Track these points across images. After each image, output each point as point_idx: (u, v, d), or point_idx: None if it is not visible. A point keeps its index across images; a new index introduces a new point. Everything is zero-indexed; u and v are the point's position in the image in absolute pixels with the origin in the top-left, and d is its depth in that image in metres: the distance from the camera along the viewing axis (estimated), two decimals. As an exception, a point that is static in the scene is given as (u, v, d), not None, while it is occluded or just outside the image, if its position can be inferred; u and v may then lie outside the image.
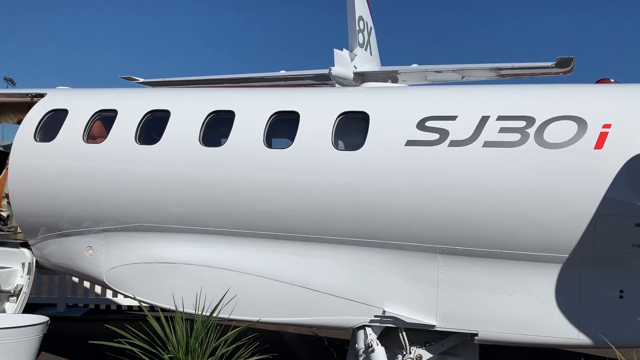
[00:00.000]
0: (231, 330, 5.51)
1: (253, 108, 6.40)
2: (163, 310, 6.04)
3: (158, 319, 5.56)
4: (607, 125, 5.07)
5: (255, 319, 5.88)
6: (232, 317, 5.89)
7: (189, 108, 6.67)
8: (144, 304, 6.25)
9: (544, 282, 5.22)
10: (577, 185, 5.00)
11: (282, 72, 13.38)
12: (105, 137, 6.76)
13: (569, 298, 5.18)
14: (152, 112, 6.75)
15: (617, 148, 4.99)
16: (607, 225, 4.93)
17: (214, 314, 5.56)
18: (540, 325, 5.24)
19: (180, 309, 5.71)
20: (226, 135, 6.30)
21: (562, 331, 5.17)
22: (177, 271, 6.36)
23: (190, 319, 5.54)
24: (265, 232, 6.02)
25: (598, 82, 6.90)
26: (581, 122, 5.13)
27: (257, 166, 5.99)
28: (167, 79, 13.69)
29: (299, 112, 6.12)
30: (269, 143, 6.11)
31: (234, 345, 5.46)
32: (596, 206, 4.93)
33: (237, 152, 6.09)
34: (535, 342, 5.31)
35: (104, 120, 7.01)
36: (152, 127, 6.73)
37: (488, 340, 5.45)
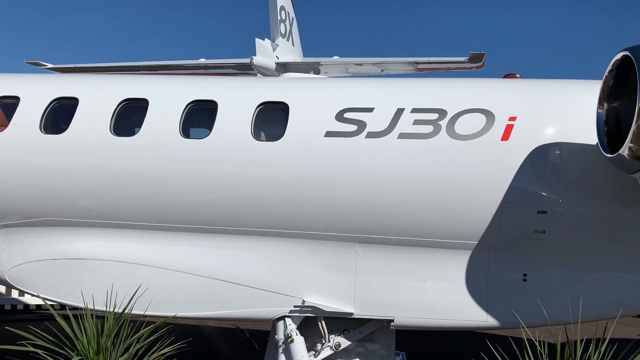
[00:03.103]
0: (147, 327, 5.33)
1: (168, 96, 6.19)
2: (73, 308, 5.75)
3: (66, 318, 5.28)
4: (513, 118, 5.36)
5: (172, 314, 5.71)
6: (147, 313, 5.70)
7: (99, 95, 6.35)
8: (50, 303, 5.91)
9: (455, 268, 5.46)
10: (485, 175, 5.25)
11: (202, 60, 13.05)
12: (6, 126, 6.29)
13: (477, 283, 5.44)
14: (59, 100, 6.35)
15: (521, 140, 5.29)
16: (512, 213, 5.22)
17: (127, 311, 5.35)
18: (452, 310, 5.47)
19: (91, 307, 5.45)
20: (140, 124, 6.05)
21: (471, 315, 5.43)
22: (88, 267, 6.06)
23: (102, 317, 5.31)
24: (182, 225, 5.86)
25: (505, 76, 7.27)
26: (489, 115, 5.38)
27: (173, 157, 5.80)
28: (77, 65, 12.95)
29: (217, 102, 5.99)
30: (185, 133, 5.94)
31: (149, 341, 5.29)
32: (502, 195, 5.20)
33: (151, 142, 5.87)
34: (447, 326, 5.54)
35: (4, 108, 6.51)
36: (59, 115, 6.34)
37: (403, 326, 5.62)
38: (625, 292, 5.43)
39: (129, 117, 6.21)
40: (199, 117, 6.16)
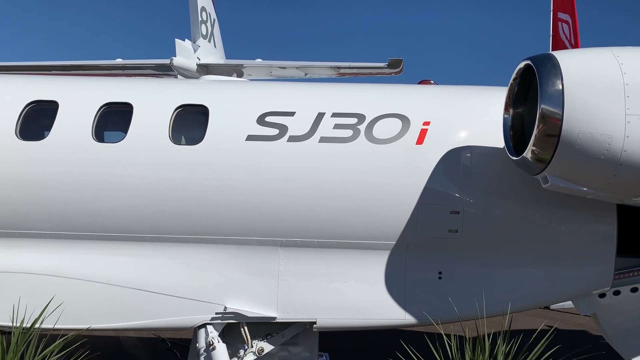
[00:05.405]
0: (59, 340, 5.06)
1: (80, 98, 5.93)
2: (-25, 325, 5.35)
3: (-34, 336, 4.91)
4: (427, 123, 5.59)
5: (86, 326, 5.46)
6: (59, 326, 5.39)
7: (4, 97, 5.96)
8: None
9: (374, 268, 5.59)
10: (402, 177, 5.44)
11: (119, 61, 12.59)
12: None
13: (396, 282, 5.60)
14: (-44, 101, 5.90)
15: (435, 143, 5.52)
16: (427, 213, 5.43)
17: (36, 325, 5.05)
18: (372, 309, 5.59)
19: (-5, 323, 5.10)
20: (49, 128, 5.74)
21: (391, 313, 5.58)
22: None
23: (8, 333, 4.98)
24: (95, 233, 5.61)
25: (420, 82, 7.55)
26: (405, 120, 5.58)
27: (85, 161, 5.55)
28: (-20, 64, 12.10)
29: (132, 104, 5.81)
30: (99, 136, 5.71)
31: (61, 355, 5.03)
32: (418, 196, 5.40)
33: (60, 146, 5.59)
34: (367, 325, 5.66)
35: None
36: None
37: (326, 327, 5.68)
38: (534, 285, 5.77)
39: (38, 120, 5.89)
40: (114, 120, 5.94)
